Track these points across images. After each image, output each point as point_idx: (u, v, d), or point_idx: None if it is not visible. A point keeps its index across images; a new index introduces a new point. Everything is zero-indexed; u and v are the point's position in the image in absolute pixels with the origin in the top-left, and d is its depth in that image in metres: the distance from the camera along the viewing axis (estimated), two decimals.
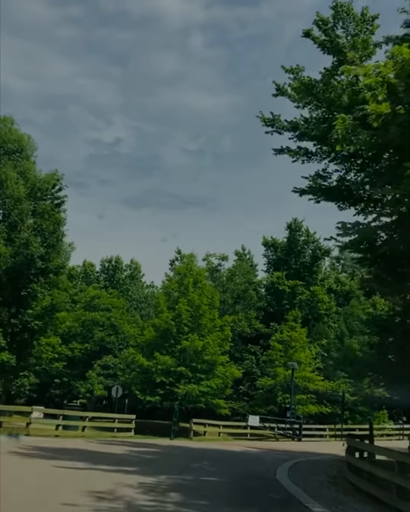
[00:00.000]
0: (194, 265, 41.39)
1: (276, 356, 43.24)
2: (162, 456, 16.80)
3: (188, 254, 41.64)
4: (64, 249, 30.35)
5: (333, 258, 59.96)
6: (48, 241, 28.00)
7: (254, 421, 33.90)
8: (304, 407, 41.67)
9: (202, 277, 41.52)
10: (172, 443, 25.89)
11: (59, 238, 28.27)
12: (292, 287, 50.01)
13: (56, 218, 27.11)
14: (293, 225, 52.16)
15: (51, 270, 28.51)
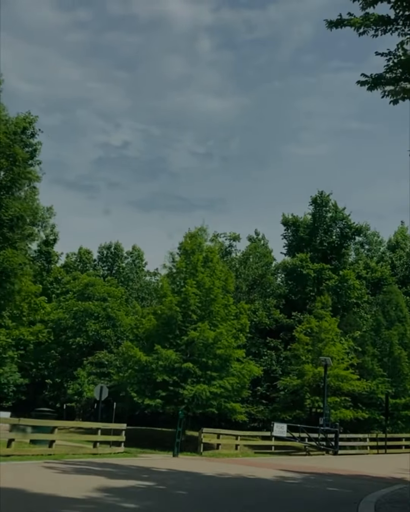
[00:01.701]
0: (204, 240, 34.24)
1: (302, 350, 35.95)
2: (155, 504, 9.71)
3: (198, 227, 34.55)
4: (34, 208, 23.26)
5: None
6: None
7: (281, 430, 26.66)
8: (337, 411, 34.38)
9: (214, 254, 34.29)
10: (175, 463, 18.71)
11: (18, 183, 21.12)
12: (318, 271, 42.77)
13: (14, 152, 19.96)
14: (318, 200, 44.87)
15: (4, 222, 21.25)
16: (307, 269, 42.41)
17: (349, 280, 42.26)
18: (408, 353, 38.41)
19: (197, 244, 33.71)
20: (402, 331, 39.10)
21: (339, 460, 25.62)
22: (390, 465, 23.79)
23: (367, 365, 38.06)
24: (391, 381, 37.75)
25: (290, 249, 46.54)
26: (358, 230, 44.44)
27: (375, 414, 37.11)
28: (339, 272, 43.12)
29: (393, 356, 38.30)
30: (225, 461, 21.47)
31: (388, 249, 55.23)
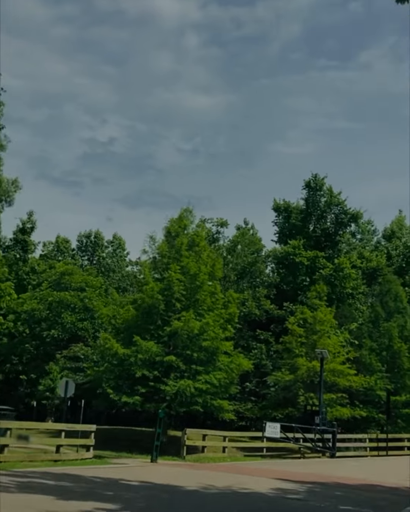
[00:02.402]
0: (190, 222, 31.18)
1: (295, 343, 33.08)
2: None
3: (183, 208, 31.42)
4: None
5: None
6: None
7: (274, 431, 23.75)
8: (333, 409, 31.57)
9: (201, 238, 31.29)
10: (151, 472, 15.73)
11: None
12: (311, 259, 39.96)
13: None
14: (312, 183, 42.00)
15: None
16: (299, 257, 39.58)
17: (345, 269, 39.47)
18: (408, 346, 35.67)
19: (182, 226, 30.69)
20: (402, 323, 36.37)
21: (339, 464, 22.77)
22: (398, 470, 21.00)
23: (364, 359, 35.29)
24: (390, 377, 35.00)
25: (281, 236, 43.69)
26: (354, 216, 41.63)
27: (373, 412, 34.38)
28: (333, 260, 40.32)
29: (393, 349, 35.56)
30: (211, 467, 18.52)
31: (383, 239, 52.54)
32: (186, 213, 31.12)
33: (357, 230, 52.83)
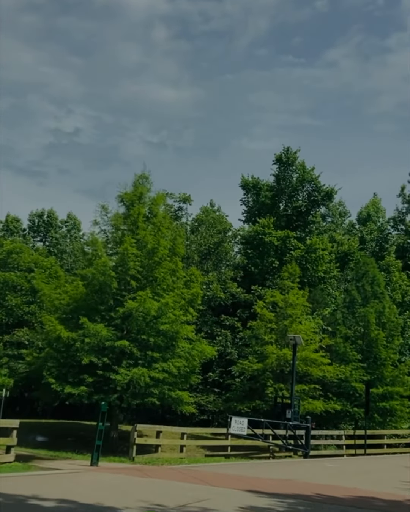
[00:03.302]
0: (147, 190, 27.44)
1: (265, 329, 29.80)
2: None
3: (138, 175, 27.60)
4: None
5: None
6: None
7: (240, 427, 20.38)
8: (305, 402, 28.43)
9: (160, 207, 27.67)
10: (84, 482, 12.15)
11: None
12: (282, 239, 36.71)
13: None
14: (284, 157, 38.68)
15: None
16: (269, 236, 36.28)
17: (317, 251, 36.34)
18: (386, 334, 32.75)
19: (138, 194, 26.95)
20: (379, 308, 33.41)
21: (317, 466, 19.54)
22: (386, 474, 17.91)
23: (338, 348, 32.23)
24: (366, 367, 32.04)
25: (249, 215, 40.35)
26: (328, 194, 38.47)
27: (347, 405, 31.36)
28: (305, 241, 37.17)
29: (369, 337, 32.59)
30: (163, 472, 15.05)
31: (357, 222, 49.72)
32: (142, 180, 27.38)
33: (328, 213, 49.96)
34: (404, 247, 47.91)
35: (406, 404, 32.55)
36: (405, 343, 37.72)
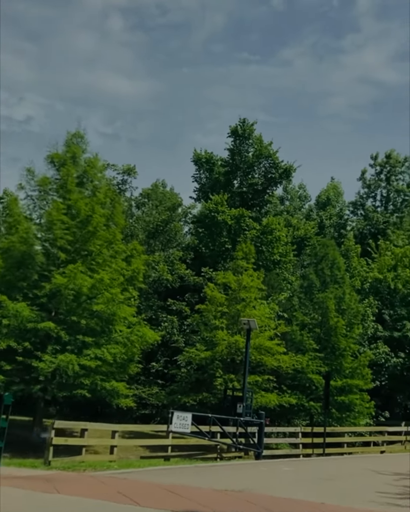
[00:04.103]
0: (83, 150, 23.77)
1: (215, 313, 26.61)
2: None
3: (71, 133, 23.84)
4: None
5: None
6: None
7: (183, 423, 17.11)
8: (258, 395, 25.41)
9: (96, 171, 24.04)
10: None
11: None
12: (236, 218, 33.56)
13: None
14: (239, 130, 35.52)
15: None
16: (222, 215, 33.10)
17: (274, 231, 33.38)
18: (346, 322, 30.02)
19: (71, 154, 23.29)
20: (339, 294, 30.66)
21: (272, 471, 16.45)
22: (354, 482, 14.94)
23: (294, 336, 29.32)
24: (324, 358, 29.24)
25: (201, 193, 37.08)
26: (286, 171, 35.55)
27: (303, 399, 28.48)
28: (260, 222, 34.17)
29: (328, 325, 29.77)
30: (80, 483, 11.66)
31: (316, 206, 47.13)
32: (77, 140, 23.75)
33: (287, 196, 47.27)
34: (363, 233, 45.63)
35: (366, 398, 29.88)
36: (364, 333, 35.18)
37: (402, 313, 37.84)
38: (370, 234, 45.26)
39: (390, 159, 47.52)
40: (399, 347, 37.37)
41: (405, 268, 38.94)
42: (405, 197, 47.94)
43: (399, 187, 47.64)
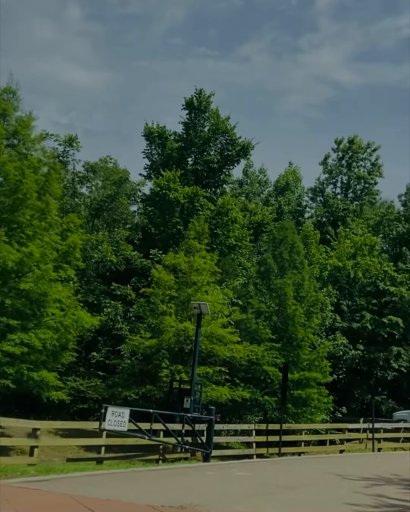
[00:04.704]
0: (14, 107, 20.72)
1: (163, 297, 23.95)
2: None
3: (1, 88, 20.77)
4: None
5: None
6: None
7: (119, 420, 14.45)
8: (208, 388, 22.93)
9: (29, 132, 21.02)
10: None
11: None
12: (189, 196, 30.94)
13: None
14: (195, 102, 32.86)
15: None
16: (174, 193, 30.41)
17: (230, 213, 30.90)
18: (305, 310, 27.82)
19: (0, 110, 20.22)
20: (298, 280, 28.44)
21: (222, 477, 13.94)
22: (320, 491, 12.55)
23: (249, 324, 26.98)
24: (280, 348, 26.98)
25: (153, 170, 34.25)
26: (244, 149, 33.07)
27: (256, 393, 26.14)
28: (216, 203, 31.65)
29: (286, 313, 27.51)
30: None
31: (275, 192, 44.88)
32: (7, 95, 20.71)
33: (246, 180, 44.95)
34: (321, 221, 43.70)
35: (324, 392, 27.73)
36: (322, 323, 33.15)
37: (361, 303, 36.05)
38: (329, 222, 43.40)
39: (353, 145, 45.76)
40: (357, 338, 35.61)
41: (364, 257, 37.18)
42: (366, 185, 46.31)
43: (360, 174, 45.92)
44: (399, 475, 15.19)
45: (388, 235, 43.63)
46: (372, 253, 38.34)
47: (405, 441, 27.27)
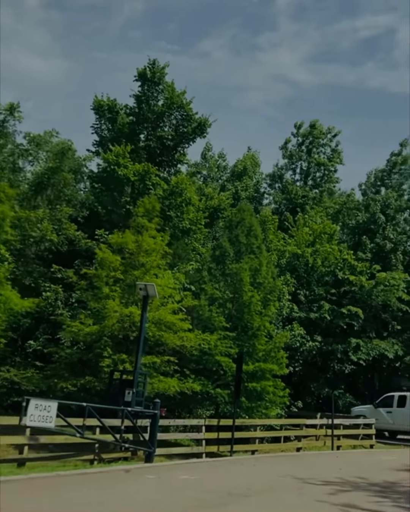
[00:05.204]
0: None
1: (107, 279, 21.66)
2: None
3: None
4: None
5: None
6: None
7: (44, 415, 12.21)
8: (155, 380, 20.81)
9: None
10: None
11: None
12: (141, 174, 28.64)
13: None
14: (149, 73, 30.54)
15: None
16: (124, 169, 28.07)
17: (184, 192, 28.78)
18: (262, 298, 25.91)
19: None
20: (256, 265, 26.51)
21: (164, 483, 11.89)
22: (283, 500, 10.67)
23: (202, 311, 24.93)
24: (235, 338, 25.01)
25: (102, 146, 31.77)
26: (200, 126, 30.92)
27: (208, 386, 24.11)
28: (169, 180, 29.47)
29: (241, 300, 25.52)
30: None
31: (232, 177, 42.89)
32: None
33: (204, 164, 42.90)
34: (280, 208, 42.04)
35: (280, 385, 25.87)
36: (279, 313, 31.41)
37: (319, 293, 34.51)
38: (288, 209, 41.75)
39: (314, 129, 44.15)
40: (315, 329, 34.08)
41: (324, 244, 35.64)
42: (326, 172, 44.82)
43: (320, 160, 44.36)
44: (366, 479, 13.44)
45: (347, 224, 42.29)
46: (331, 241, 36.86)
47: (365, 438, 25.75)
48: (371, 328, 35.40)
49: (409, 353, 35.64)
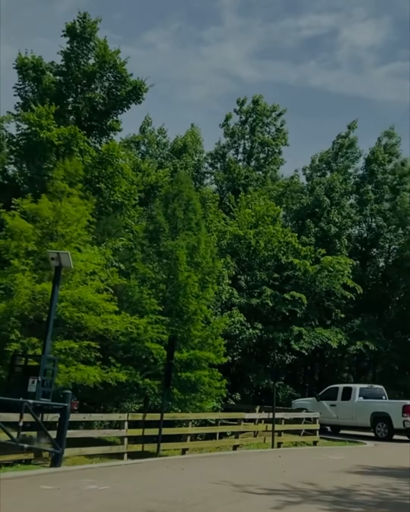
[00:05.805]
0: None
1: (17, 250, 18.53)
2: None
3: None
4: None
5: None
6: None
7: None
8: (71, 368, 17.86)
9: None
10: None
11: None
12: (67, 138, 25.43)
13: None
14: (78, 28, 27.31)
15: None
16: (47, 132, 24.83)
17: (115, 159, 25.80)
18: (200, 279, 23.31)
19: None
20: (194, 242, 23.87)
21: (70, 494, 9.08)
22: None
23: (132, 292, 22.14)
24: (168, 323, 22.31)
25: (25, 109, 28.34)
26: (135, 89, 27.93)
27: (136, 376, 21.32)
28: (99, 146, 26.46)
29: (177, 281, 22.84)
30: None
31: (171, 154, 40.07)
32: None
33: (144, 140, 39.94)
34: (221, 189, 39.59)
35: (217, 375, 23.32)
36: (217, 298, 28.97)
37: (262, 277, 32.25)
38: (229, 190, 39.36)
39: (258, 106, 41.81)
40: (256, 316, 31.82)
41: (267, 226, 33.40)
42: (270, 153, 42.63)
43: (264, 139, 42.11)
44: (315, 485, 10.99)
45: (290, 208, 40.30)
46: (275, 224, 34.67)
47: (307, 434, 23.55)
48: (314, 316, 33.48)
49: (353, 342, 33.93)
